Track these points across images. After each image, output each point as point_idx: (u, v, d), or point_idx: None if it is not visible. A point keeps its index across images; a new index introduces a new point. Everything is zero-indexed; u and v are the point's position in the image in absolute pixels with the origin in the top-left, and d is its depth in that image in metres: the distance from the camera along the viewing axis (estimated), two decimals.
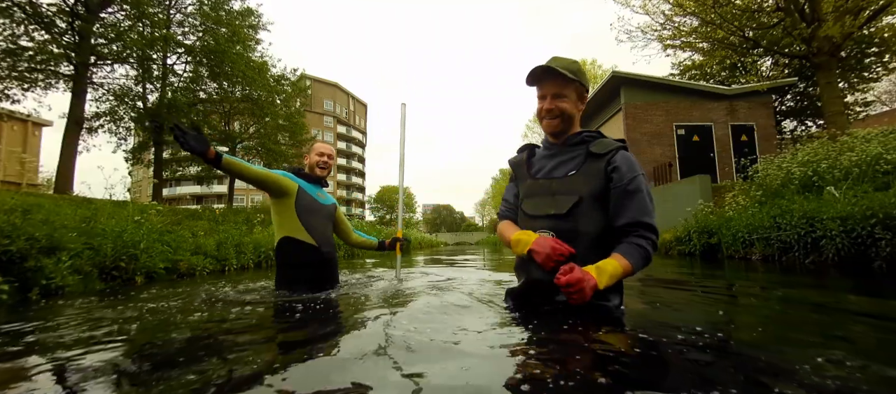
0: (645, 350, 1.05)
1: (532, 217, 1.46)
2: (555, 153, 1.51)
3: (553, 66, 1.42)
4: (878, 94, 18.94)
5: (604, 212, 1.37)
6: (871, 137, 5.83)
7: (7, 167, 15.21)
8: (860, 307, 1.82)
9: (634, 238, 1.32)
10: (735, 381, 0.80)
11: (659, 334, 1.21)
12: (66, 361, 1.09)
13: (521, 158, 1.62)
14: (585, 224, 1.35)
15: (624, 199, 1.34)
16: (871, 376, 0.83)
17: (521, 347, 1.07)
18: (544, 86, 1.47)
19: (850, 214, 3.73)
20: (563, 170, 1.45)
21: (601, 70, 30.00)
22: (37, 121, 17.07)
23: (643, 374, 0.87)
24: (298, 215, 2.27)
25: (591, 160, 1.40)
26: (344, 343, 1.22)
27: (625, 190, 1.34)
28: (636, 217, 1.32)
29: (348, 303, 2.00)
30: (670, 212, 9.34)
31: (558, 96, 1.45)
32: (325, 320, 1.60)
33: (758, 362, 0.94)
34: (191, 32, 14.96)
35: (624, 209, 1.33)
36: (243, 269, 5.32)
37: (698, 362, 0.94)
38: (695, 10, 11.44)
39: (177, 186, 48.95)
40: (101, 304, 2.29)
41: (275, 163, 17.55)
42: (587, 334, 1.17)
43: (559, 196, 1.40)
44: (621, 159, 1.38)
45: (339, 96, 61.12)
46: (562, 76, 1.42)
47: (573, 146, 1.48)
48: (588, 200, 1.36)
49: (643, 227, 1.33)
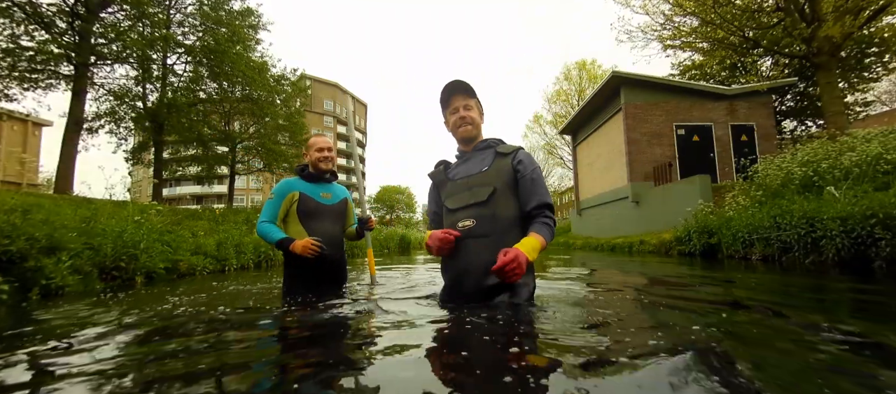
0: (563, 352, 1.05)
1: (454, 211, 1.69)
2: (467, 158, 1.79)
3: (459, 82, 1.74)
4: (878, 95, 18.93)
5: (514, 199, 1.64)
6: (871, 137, 5.83)
7: (7, 167, 15.21)
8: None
9: (542, 218, 1.59)
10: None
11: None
12: (66, 361, 1.09)
13: (440, 170, 1.87)
14: (502, 209, 1.61)
15: (530, 186, 1.62)
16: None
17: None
18: (455, 100, 1.76)
19: (851, 214, 3.73)
20: (477, 168, 1.71)
21: (601, 70, 30.03)
22: (37, 121, 17.09)
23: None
24: (301, 221, 2.30)
25: (499, 159, 1.69)
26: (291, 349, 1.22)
27: (531, 179, 1.63)
28: (542, 199, 1.61)
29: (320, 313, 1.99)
30: (670, 212, 9.34)
31: (468, 107, 1.74)
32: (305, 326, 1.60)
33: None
34: (191, 32, 14.94)
35: (531, 195, 1.61)
36: (243, 269, 5.32)
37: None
38: (695, 10, 11.45)
39: (177, 186, 48.92)
40: (102, 304, 2.29)
41: (275, 163, 17.53)
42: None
43: (476, 188, 1.65)
44: (523, 155, 1.69)
45: (339, 96, 61.13)
46: (468, 90, 1.75)
47: (482, 150, 1.77)
48: (501, 189, 1.62)
49: (546, 207, 1.61)
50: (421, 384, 0.82)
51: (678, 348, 1.01)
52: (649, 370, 0.87)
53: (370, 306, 1.88)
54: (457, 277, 1.67)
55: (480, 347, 1.09)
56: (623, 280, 3.04)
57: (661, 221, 10.06)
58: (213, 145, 17.20)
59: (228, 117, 17.64)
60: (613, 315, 1.56)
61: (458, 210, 1.67)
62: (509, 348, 1.05)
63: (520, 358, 0.96)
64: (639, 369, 0.88)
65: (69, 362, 1.06)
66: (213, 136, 16.92)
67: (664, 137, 12.55)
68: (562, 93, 31.80)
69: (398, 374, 0.92)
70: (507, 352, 1.01)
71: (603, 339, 1.18)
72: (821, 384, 0.80)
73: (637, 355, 0.98)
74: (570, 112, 25.96)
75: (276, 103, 16.98)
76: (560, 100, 31.84)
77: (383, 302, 1.94)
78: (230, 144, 17.70)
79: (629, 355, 0.99)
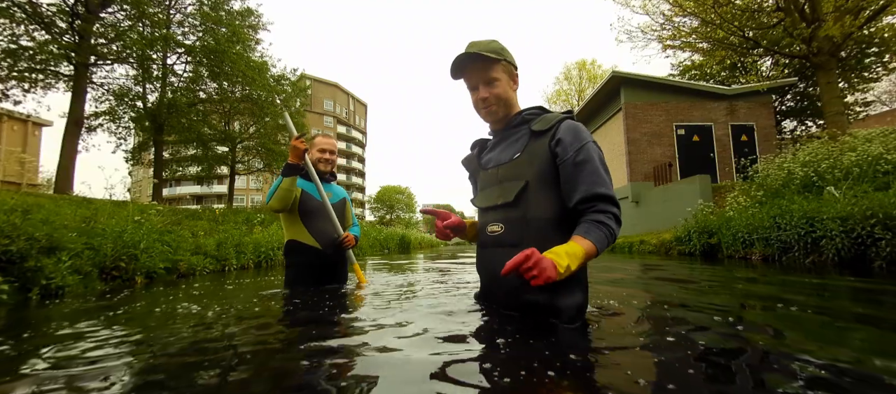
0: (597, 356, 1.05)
1: (484, 211, 1.39)
2: (499, 140, 1.42)
3: (474, 51, 1.29)
4: (878, 95, 18.93)
5: (555, 193, 1.23)
6: (872, 138, 5.84)
7: (7, 167, 15.21)
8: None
9: (593, 214, 1.16)
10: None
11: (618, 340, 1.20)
12: (67, 361, 1.09)
13: (473, 155, 1.54)
14: (535, 210, 1.23)
15: (574, 172, 1.19)
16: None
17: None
18: (471, 75, 1.35)
19: (851, 214, 3.73)
20: (508, 154, 1.34)
21: (601, 70, 30.05)
22: (37, 121, 17.09)
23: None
24: (302, 219, 2.33)
25: (534, 139, 1.28)
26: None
27: (573, 163, 1.19)
28: (591, 189, 1.16)
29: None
30: (670, 212, 9.35)
31: (489, 82, 1.33)
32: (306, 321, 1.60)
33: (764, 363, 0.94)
34: (191, 32, 14.94)
35: (576, 184, 1.18)
36: (243, 269, 5.32)
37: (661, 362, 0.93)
38: (695, 10, 11.45)
39: (177, 186, 48.94)
40: (102, 304, 2.29)
41: (275, 163, 17.53)
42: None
43: (506, 183, 1.30)
44: (565, 130, 1.23)
45: (339, 96, 61.12)
46: (486, 59, 1.30)
47: (515, 128, 1.38)
48: (535, 183, 1.24)
49: (600, 199, 1.16)
50: (419, 383, 0.82)
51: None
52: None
53: (367, 306, 1.88)
54: (486, 285, 1.44)
55: (478, 349, 1.09)
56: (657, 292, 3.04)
57: (661, 221, 10.07)
58: (213, 145, 17.22)
59: (228, 117, 17.66)
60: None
61: (487, 210, 1.37)
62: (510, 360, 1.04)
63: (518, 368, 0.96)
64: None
65: (69, 363, 1.06)
66: (213, 136, 16.92)
67: (664, 136, 12.56)
68: (562, 93, 31.86)
69: (396, 371, 0.92)
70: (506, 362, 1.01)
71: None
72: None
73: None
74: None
75: (276, 103, 16.98)
76: (560, 100, 31.88)
77: (380, 302, 1.94)
78: (230, 144, 17.72)
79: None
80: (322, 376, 0.89)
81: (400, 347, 1.11)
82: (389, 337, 1.22)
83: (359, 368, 0.96)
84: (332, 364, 0.98)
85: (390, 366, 0.97)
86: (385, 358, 1.03)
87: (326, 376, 0.89)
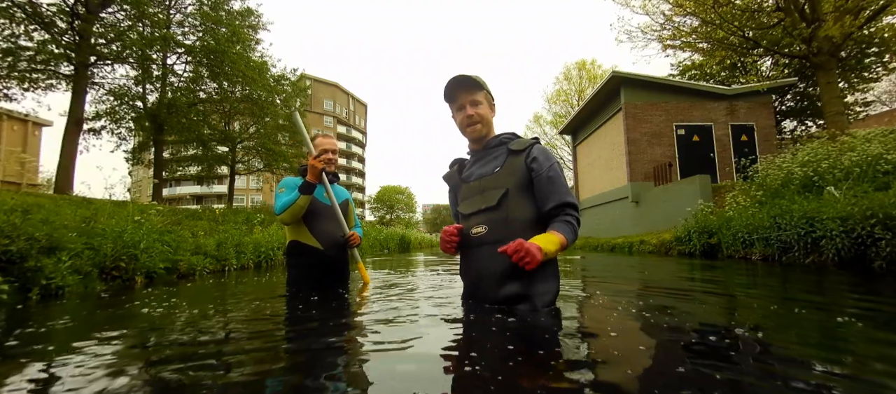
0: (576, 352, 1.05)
1: (467, 216, 1.61)
2: (479, 158, 1.69)
3: (463, 76, 1.58)
4: (878, 95, 18.91)
5: (530, 200, 1.52)
6: (871, 138, 5.84)
7: (7, 167, 15.21)
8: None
9: (563, 216, 1.49)
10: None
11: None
12: (67, 361, 1.09)
13: (454, 171, 1.78)
14: (515, 211, 1.50)
15: (548, 184, 1.50)
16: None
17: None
18: (460, 97, 1.62)
19: (851, 214, 3.73)
20: (489, 169, 1.61)
21: (601, 70, 30.04)
22: (37, 121, 17.09)
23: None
24: (305, 221, 2.33)
25: (512, 157, 1.57)
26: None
27: (547, 177, 1.51)
28: (562, 198, 1.49)
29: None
30: (670, 212, 9.35)
31: (475, 103, 1.60)
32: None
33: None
34: (191, 32, 14.92)
35: (549, 194, 1.50)
36: (243, 269, 5.32)
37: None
38: (695, 10, 11.45)
39: (177, 186, 48.94)
40: (102, 304, 2.29)
41: (275, 163, 17.53)
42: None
43: (488, 192, 1.55)
44: (538, 151, 1.56)
45: (339, 96, 61.10)
46: (474, 84, 1.59)
47: (494, 148, 1.65)
48: (514, 190, 1.51)
49: (568, 206, 1.50)
50: (416, 382, 0.82)
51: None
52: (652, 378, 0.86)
53: (368, 306, 1.88)
54: (472, 284, 1.62)
55: (476, 349, 1.09)
56: (645, 285, 3.04)
57: (661, 220, 10.07)
58: (213, 145, 17.19)
59: (228, 117, 17.64)
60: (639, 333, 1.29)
61: (470, 215, 1.59)
62: (507, 352, 1.04)
63: (513, 362, 0.96)
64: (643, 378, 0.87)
65: (69, 363, 1.06)
66: (213, 136, 16.91)
67: (664, 137, 12.56)
68: (562, 93, 31.85)
69: (394, 370, 0.92)
70: (503, 356, 1.01)
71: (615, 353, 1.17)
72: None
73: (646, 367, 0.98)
74: (570, 112, 26.00)
75: (276, 103, 16.97)
76: (560, 100, 31.89)
77: (381, 302, 1.94)
78: (230, 144, 17.70)
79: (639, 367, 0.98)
80: (322, 375, 0.89)
81: (400, 346, 1.11)
82: (389, 336, 1.22)
83: (359, 367, 0.96)
84: (333, 364, 0.98)
85: (390, 365, 0.97)
86: (385, 357, 1.03)
87: (327, 376, 0.89)
